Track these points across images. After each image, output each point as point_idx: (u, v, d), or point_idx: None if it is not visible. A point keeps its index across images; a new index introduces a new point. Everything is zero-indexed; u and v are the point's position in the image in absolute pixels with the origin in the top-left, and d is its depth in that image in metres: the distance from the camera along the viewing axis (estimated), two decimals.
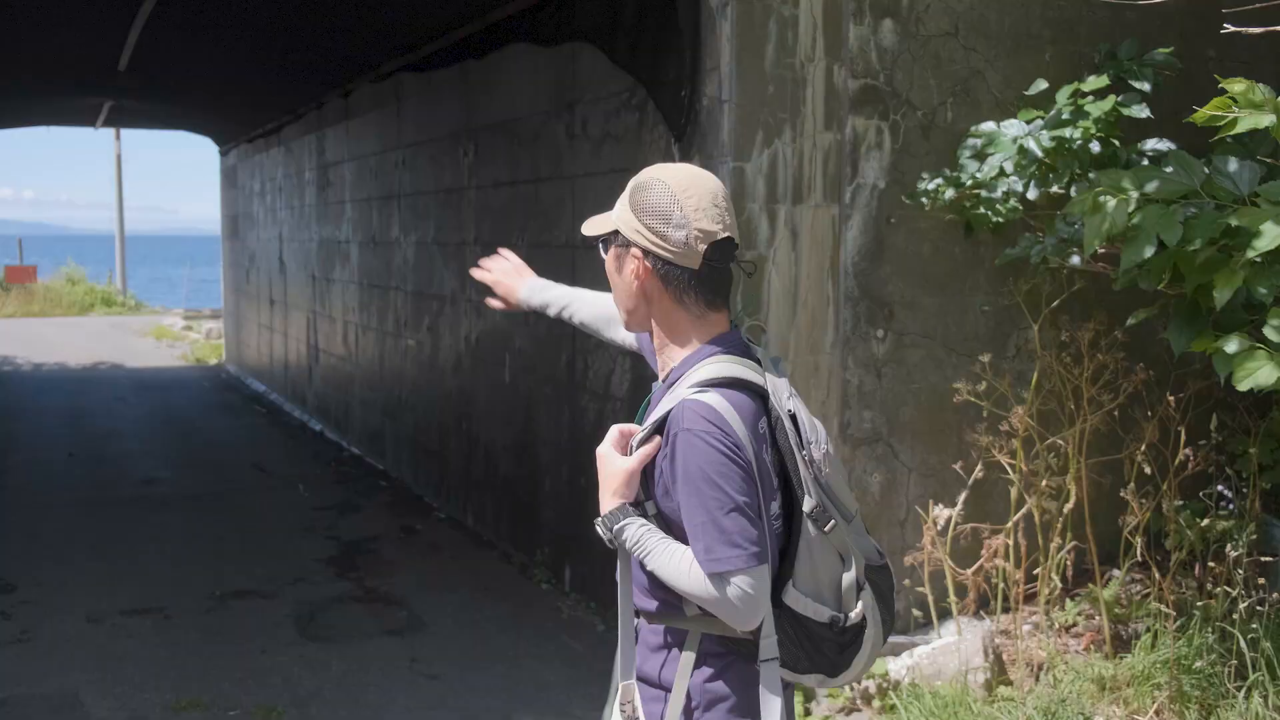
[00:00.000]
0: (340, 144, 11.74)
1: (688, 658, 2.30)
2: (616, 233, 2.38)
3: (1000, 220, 4.99)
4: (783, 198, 5.03)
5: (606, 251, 2.43)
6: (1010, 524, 4.92)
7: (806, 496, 2.27)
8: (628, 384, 6.05)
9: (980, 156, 5.04)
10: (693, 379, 2.27)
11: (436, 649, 5.93)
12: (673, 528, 2.27)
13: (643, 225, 2.31)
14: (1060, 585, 5.05)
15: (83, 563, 7.39)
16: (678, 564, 2.22)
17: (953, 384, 5.04)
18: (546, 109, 6.99)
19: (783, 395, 2.31)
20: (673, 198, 2.30)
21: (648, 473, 2.31)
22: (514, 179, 7.50)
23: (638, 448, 2.31)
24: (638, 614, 2.40)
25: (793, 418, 2.29)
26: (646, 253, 2.32)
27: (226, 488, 9.86)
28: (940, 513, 4.95)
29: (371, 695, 5.31)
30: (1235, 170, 3.91)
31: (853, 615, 2.31)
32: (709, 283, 2.33)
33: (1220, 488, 5.05)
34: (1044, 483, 4.89)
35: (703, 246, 2.29)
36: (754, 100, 4.96)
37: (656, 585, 2.32)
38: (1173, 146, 4.75)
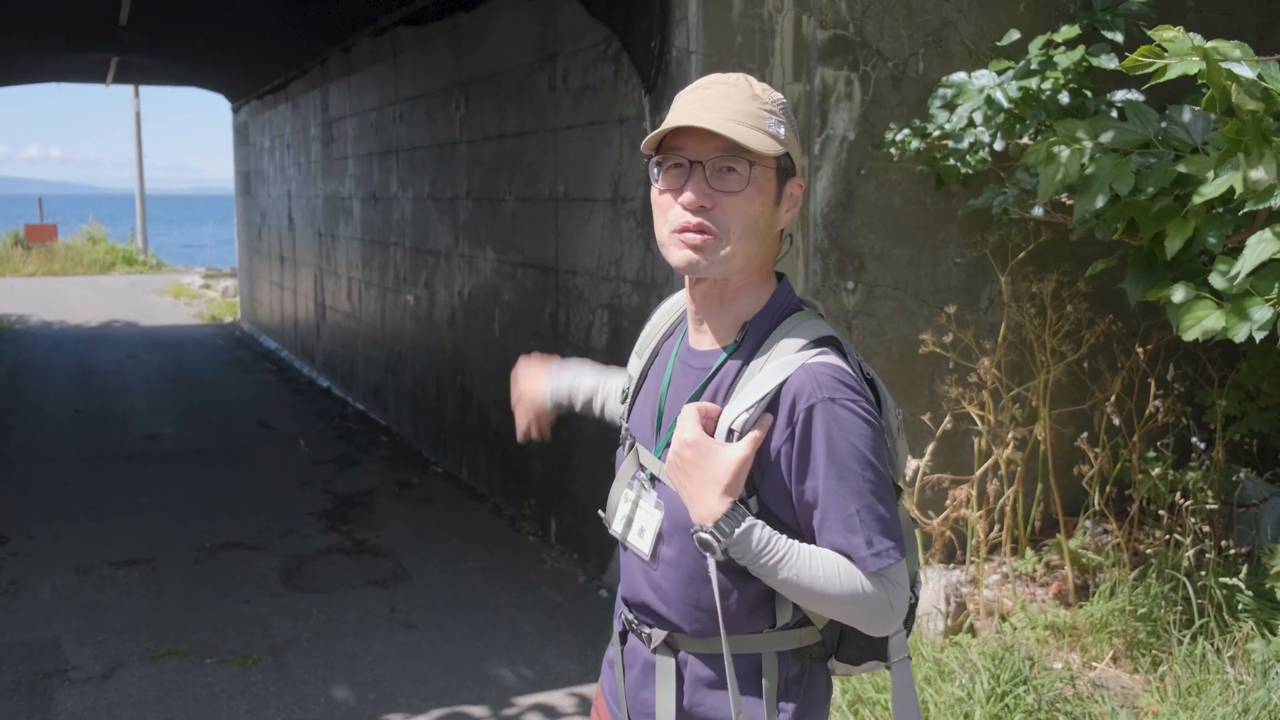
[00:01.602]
0: (343, 99, 11.75)
1: (770, 691, 1.91)
2: (786, 155, 1.90)
3: (969, 172, 4.96)
4: None
5: (729, 173, 1.84)
6: (977, 474, 4.93)
7: None
8: (606, 336, 6.07)
9: (950, 107, 5.00)
10: (794, 338, 1.86)
11: (418, 599, 6.00)
12: (775, 525, 1.84)
13: (800, 151, 1.96)
14: (1028, 535, 5.07)
15: (77, 516, 7.50)
16: (824, 566, 1.78)
17: (922, 336, 5.05)
18: (530, 61, 6.98)
19: (860, 358, 1.95)
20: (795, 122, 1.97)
21: (759, 462, 1.84)
22: (501, 132, 7.50)
23: (742, 431, 1.82)
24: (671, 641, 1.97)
25: (871, 384, 1.94)
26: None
27: (229, 443, 9.95)
28: (908, 463, 4.96)
29: (347, 643, 5.39)
30: (1189, 120, 3.89)
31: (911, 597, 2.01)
32: None
33: (1194, 439, 5.05)
34: (1010, 434, 4.90)
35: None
36: (721, 51, 4.94)
37: (729, 600, 1.89)
38: (1142, 98, 4.71)
